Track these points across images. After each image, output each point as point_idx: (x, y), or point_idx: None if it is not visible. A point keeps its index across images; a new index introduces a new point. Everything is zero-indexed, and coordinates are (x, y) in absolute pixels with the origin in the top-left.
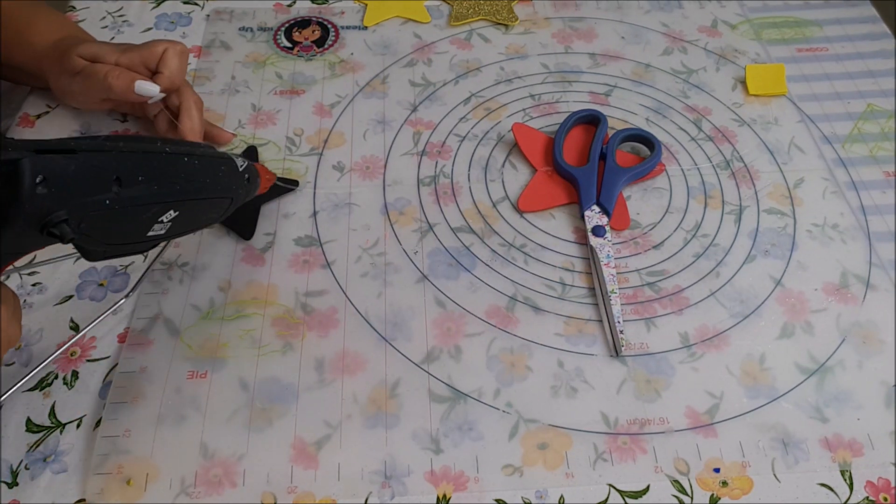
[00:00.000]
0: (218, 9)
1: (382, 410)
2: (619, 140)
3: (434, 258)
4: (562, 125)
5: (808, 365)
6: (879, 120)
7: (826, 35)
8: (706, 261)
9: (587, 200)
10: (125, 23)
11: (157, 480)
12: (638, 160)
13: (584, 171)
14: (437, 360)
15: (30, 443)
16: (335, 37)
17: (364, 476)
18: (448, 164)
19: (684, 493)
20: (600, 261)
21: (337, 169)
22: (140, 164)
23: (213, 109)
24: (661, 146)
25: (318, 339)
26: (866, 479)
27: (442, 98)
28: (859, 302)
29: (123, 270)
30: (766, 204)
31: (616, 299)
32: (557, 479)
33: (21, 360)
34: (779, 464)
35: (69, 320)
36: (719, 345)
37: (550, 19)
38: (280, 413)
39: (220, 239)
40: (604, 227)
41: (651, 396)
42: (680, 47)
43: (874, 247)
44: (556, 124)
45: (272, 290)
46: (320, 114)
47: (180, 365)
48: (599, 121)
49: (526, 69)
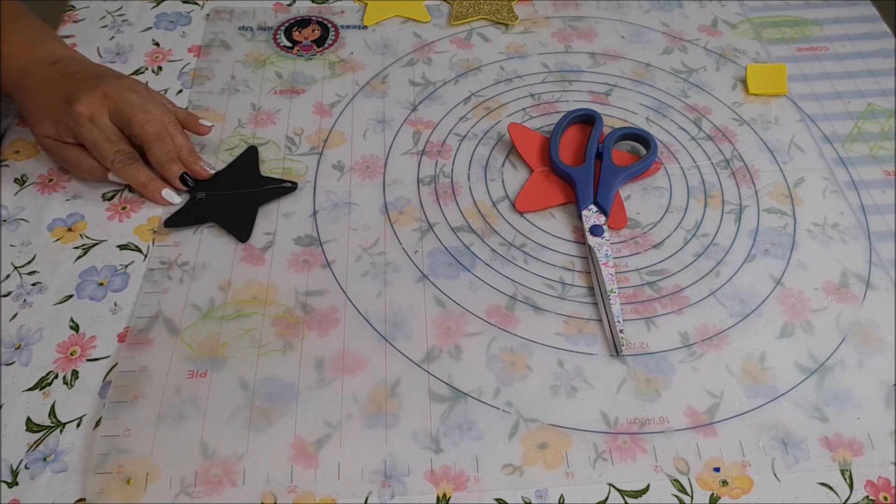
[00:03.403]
0: (218, 8)
1: (382, 410)
2: (615, 139)
3: (434, 258)
4: (557, 125)
5: (809, 364)
6: (879, 119)
7: (826, 34)
8: (706, 260)
9: (584, 200)
10: (125, 22)
11: (157, 480)
12: (634, 159)
13: (581, 170)
14: (437, 359)
15: (30, 442)
16: (335, 36)
17: (364, 475)
18: (448, 163)
19: (684, 492)
20: (598, 260)
21: (337, 168)
22: None
23: (213, 109)
24: (656, 144)
25: (318, 339)
26: (866, 479)
27: (442, 97)
28: (859, 301)
29: (123, 270)
30: (766, 203)
31: (615, 298)
32: (557, 478)
33: (21, 360)
34: (779, 463)
35: (69, 320)
36: (719, 344)
37: (550, 19)
38: (280, 412)
39: (219, 238)
40: (601, 226)
41: (651, 396)
42: (680, 47)
43: (874, 246)
44: (554, 124)
45: (272, 290)
46: (320, 113)
47: (180, 364)
48: (595, 120)
49: (526, 69)
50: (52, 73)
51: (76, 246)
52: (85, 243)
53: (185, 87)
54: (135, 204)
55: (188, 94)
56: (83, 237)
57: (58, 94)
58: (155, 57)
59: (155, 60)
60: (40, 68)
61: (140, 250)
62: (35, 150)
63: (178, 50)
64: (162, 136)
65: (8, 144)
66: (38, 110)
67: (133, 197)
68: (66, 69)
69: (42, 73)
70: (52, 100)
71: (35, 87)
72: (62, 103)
